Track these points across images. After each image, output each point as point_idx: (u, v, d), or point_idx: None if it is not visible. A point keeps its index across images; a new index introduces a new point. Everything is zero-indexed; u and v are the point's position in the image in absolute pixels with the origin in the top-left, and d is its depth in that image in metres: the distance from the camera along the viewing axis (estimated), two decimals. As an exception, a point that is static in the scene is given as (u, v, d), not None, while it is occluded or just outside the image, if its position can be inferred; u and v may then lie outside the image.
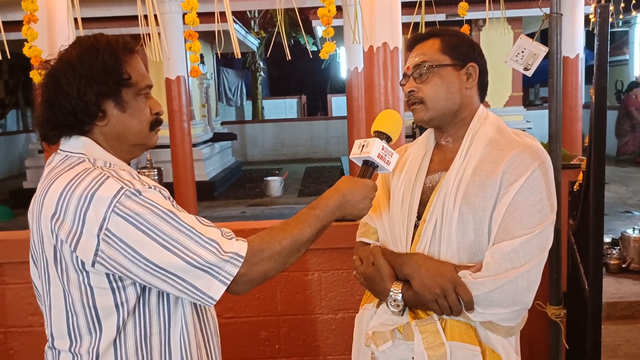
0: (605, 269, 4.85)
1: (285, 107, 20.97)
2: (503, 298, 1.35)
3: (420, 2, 3.28)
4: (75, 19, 3.51)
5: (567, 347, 2.27)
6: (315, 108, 22.66)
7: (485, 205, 1.40)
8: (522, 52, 2.17)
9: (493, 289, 1.34)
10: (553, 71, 2.19)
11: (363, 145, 1.44)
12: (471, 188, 1.42)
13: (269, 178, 10.00)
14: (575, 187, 2.19)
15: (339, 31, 8.73)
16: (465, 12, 3.03)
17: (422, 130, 1.63)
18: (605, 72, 1.61)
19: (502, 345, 1.42)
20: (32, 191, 1.31)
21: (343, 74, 11.18)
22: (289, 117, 19.10)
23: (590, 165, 1.71)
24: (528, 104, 16.99)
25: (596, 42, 1.61)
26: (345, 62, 8.41)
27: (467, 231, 1.41)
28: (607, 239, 5.29)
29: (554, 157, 2.22)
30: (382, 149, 1.43)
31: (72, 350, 1.26)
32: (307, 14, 9.92)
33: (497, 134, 1.49)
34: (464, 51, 1.52)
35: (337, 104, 18.69)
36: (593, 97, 1.66)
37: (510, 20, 9.75)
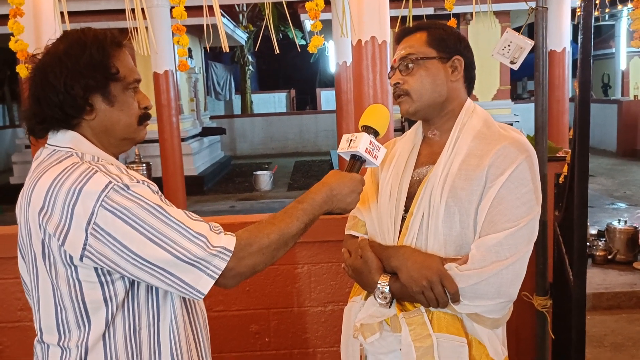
0: (591, 260, 4.92)
1: (274, 101, 20.92)
2: (488, 290, 1.37)
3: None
4: (62, 13, 3.48)
5: (553, 337, 2.30)
6: (304, 102, 22.64)
7: (471, 198, 1.42)
8: (509, 45, 2.19)
9: (478, 281, 1.36)
10: (539, 65, 2.21)
11: (351, 140, 1.45)
12: (458, 182, 1.43)
13: (258, 172, 9.99)
14: (560, 179, 2.21)
15: (327, 25, 8.71)
16: (452, 6, 3.05)
17: (411, 123, 1.65)
18: (589, 66, 1.63)
19: (487, 336, 1.44)
20: (19, 186, 1.31)
21: (332, 67, 11.19)
22: (278, 111, 19.08)
23: (574, 157, 1.74)
24: (516, 97, 17.12)
25: (580, 36, 1.63)
26: (334, 56, 8.41)
27: (453, 224, 1.43)
28: (593, 231, 5.36)
29: (540, 149, 2.24)
30: (370, 144, 1.44)
31: (61, 344, 1.27)
32: (296, 7, 9.89)
33: (485, 128, 1.50)
34: (450, 44, 1.53)
35: (326, 97, 18.68)
36: (577, 90, 1.68)
37: (498, 14, 9.80)
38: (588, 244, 5.00)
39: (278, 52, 3.15)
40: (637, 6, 2.92)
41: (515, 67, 2.20)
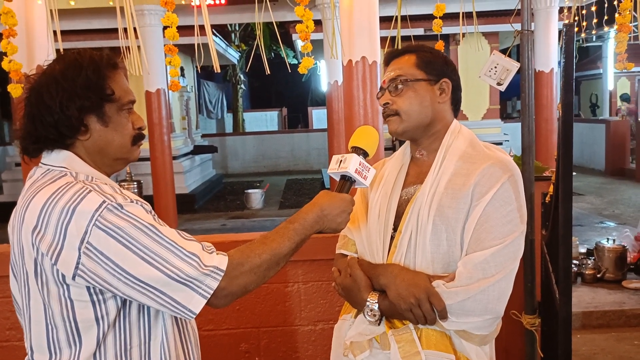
0: (580, 279, 4.94)
1: (266, 119, 21.01)
2: (475, 307, 1.39)
3: (398, 17, 3.35)
4: (55, 32, 3.51)
5: (542, 356, 2.32)
6: (296, 120, 22.73)
7: (458, 217, 1.44)
8: (495, 67, 2.24)
9: (465, 298, 1.38)
10: (525, 86, 2.25)
11: (341, 161, 1.48)
12: (444, 200, 1.46)
13: (249, 190, 9.98)
14: (547, 198, 2.24)
15: (319, 45, 8.80)
16: (440, 28, 3.11)
17: (402, 143, 1.69)
18: (572, 88, 1.68)
19: (475, 353, 1.46)
20: (9, 205, 1.32)
21: (323, 87, 11.26)
22: (269, 130, 19.15)
23: (559, 177, 1.77)
24: (505, 116, 17.28)
25: (562, 59, 1.68)
26: (326, 75, 8.49)
27: (440, 242, 1.45)
28: (582, 250, 5.39)
29: (526, 169, 2.28)
30: (360, 164, 1.47)
31: (52, 363, 1.27)
32: (288, 27, 9.99)
33: (470, 148, 1.54)
34: (437, 67, 1.58)
35: (318, 116, 18.78)
36: (560, 112, 1.73)
37: (487, 35, 9.94)
38: (577, 262, 5.03)
39: (269, 72, 3.20)
40: (620, 29, 3.00)
41: (502, 88, 2.25)
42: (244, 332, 2.57)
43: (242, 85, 19.06)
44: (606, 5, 6.40)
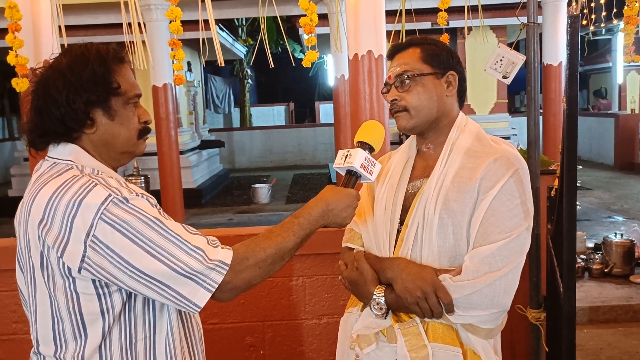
0: (588, 273, 4.93)
1: (273, 114, 21.01)
2: (482, 301, 1.39)
3: (402, 11, 3.34)
4: (60, 27, 3.52)
5: (547, 350, 2.32)
6: (303, 115, 22.72)
7: (464, 210, 1.44)
8: (501, 60, 2.22)
9: (472, 292, 1.38)
10: (531, 79, 2.24)
11: (346, 156, 1.48)
12: (450, 194, 1.46)
13: (256, 185, 9.99)
14: (552, 192, 2.24)
15: (326, 38, 8.79)
16: (445, 21, 3.09)
17: (409, 137, 1.68)
18: (576, 81, 1.67)
19: (482, 346, 1.46)
20: (18, 199, 1.33)
21: (330, 81, 11.23)
22: (276, 124, 19.15)
23: (563, 171, 1.77)
24: (513, 110, 17.21)
25: (566, 52, 1.67)
26: (333, 69, 8.48)
27: (447, 236, 1.46)
28: (590, 244, 5.37)
29: (532, 163, 2.27)
30: (365, 159, 1.47)
31: (57, 355, 1.28)
32: (294, 21, 9.97)
33: (476, 141, 1.53)
34: (443, 60, 1.57)
35: (325, 111, 18.76)
36: (565, 105, 1.72)
37: (495, 28, 9.88)
38: (585, 257, 5.01)
39: (273, 66, 3.20)
40: (628, 21, 2.97)
41: (508, 81, 2.23)
42: (249, 325, 2.58)
43: (249, 80, 19.07)
44: (615, -3, 6.34)
